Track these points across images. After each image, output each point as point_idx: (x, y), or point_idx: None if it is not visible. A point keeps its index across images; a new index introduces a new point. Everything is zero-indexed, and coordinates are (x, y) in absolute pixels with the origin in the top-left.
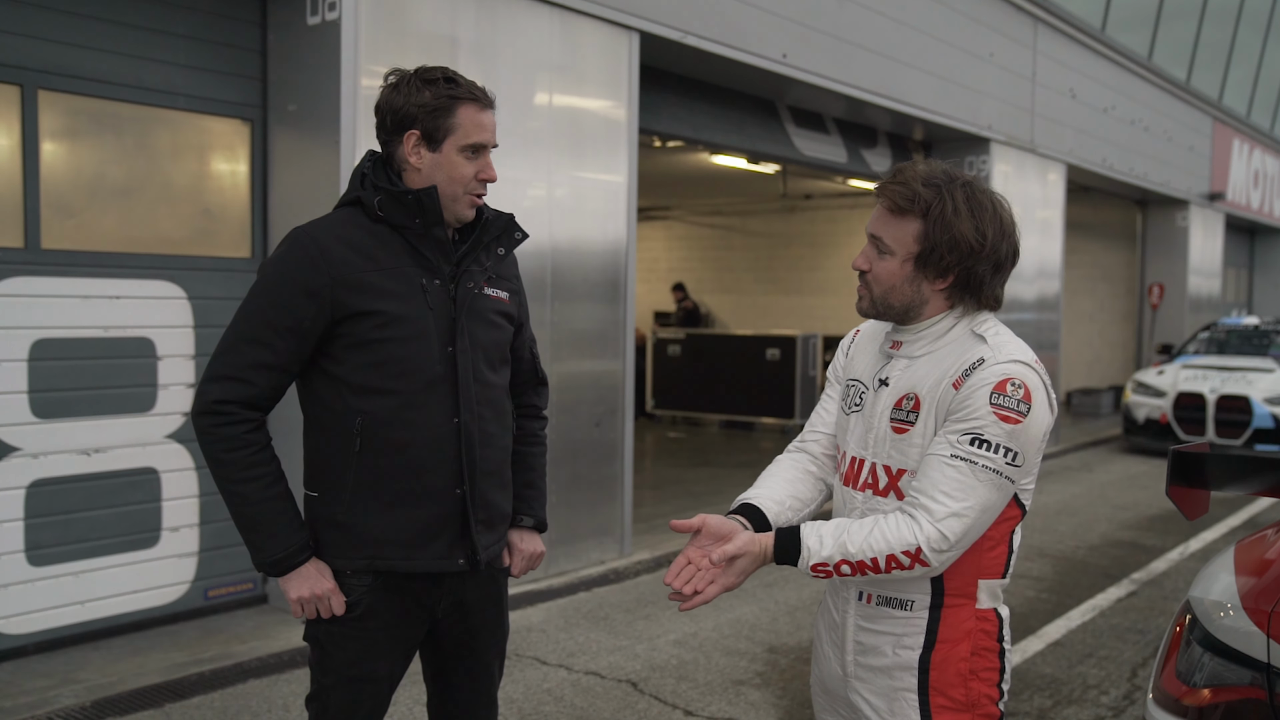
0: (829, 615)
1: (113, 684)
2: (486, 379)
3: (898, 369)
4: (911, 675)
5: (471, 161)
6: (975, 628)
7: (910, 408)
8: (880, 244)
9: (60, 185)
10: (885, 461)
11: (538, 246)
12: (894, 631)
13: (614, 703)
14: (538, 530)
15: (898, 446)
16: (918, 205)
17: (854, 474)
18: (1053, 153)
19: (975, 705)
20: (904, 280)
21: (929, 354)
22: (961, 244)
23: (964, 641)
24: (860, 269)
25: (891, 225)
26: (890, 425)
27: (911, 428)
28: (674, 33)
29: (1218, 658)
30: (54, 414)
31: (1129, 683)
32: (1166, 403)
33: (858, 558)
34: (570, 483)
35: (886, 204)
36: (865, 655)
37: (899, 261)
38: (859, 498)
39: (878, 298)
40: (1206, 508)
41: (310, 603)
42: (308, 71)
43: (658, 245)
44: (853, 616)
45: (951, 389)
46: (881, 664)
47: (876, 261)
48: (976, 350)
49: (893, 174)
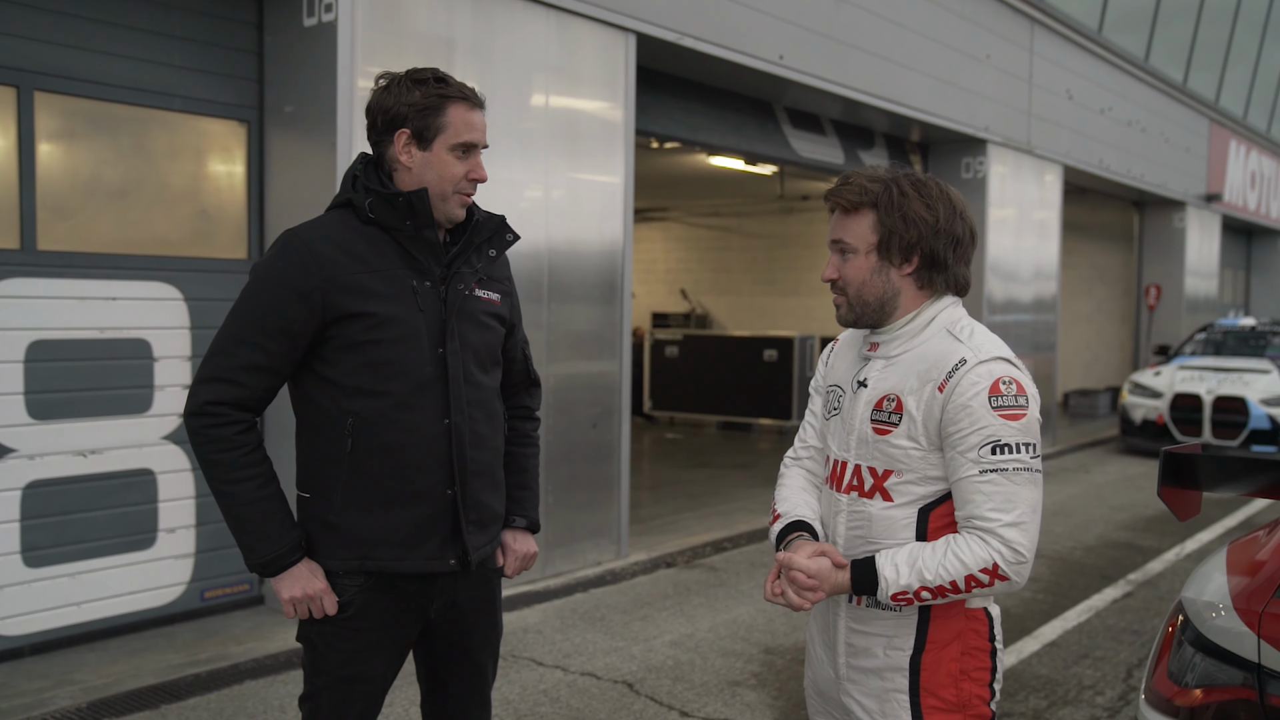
0: (821, 618)
1: (109, 685)
2: (477, 380)
3: (875, 370)
4: (903, 676)
5: (462, 161)
6: (965, 628)
7: (892, 409)
8: (843, 245)
9: (56, 186)
10: (869, 463)
11: (534, 248)
12: (884, 633)
13: (610, 704)
14: (531, 531)
15: (880, 448)
16: (867, 198)
17: (838, 476)
18: (1049, 154)
19: (966, 705)
20: (871, 272)
21: (906, 353)
22: (916, 221)
23: (954, 642)
24: (830, 279)
25: (848, 224)
26: (871, 427)
27: (895, 429)
28: (671, 34)
29: (1209, 658)
30: (50, 415)
31: (1124, 684)
32: (1163, 404)
33: (935, 583)
34: (567, 484)
35: (840, 206)
36: (857, 657)
37: (863, 256)
38: (844, 500)
39: (853, 299)
40: (1198, 509)
41: (302, 603)
42: (304, 73)
43: (655, 246)
44: (844, 618)
45: (936, 392)
46: (873, 665)
47: (843, 266)
48: (955, 351)
49: (840, 181)
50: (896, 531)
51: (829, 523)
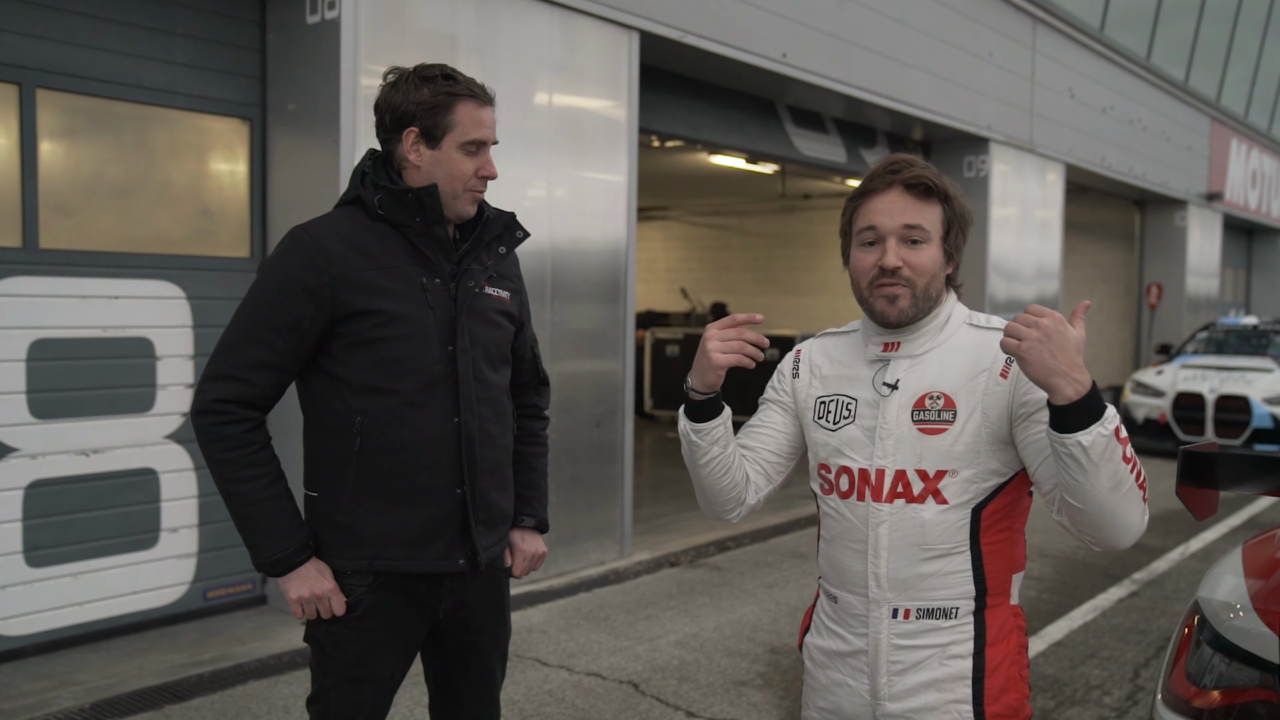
0: (833, 642)
1: (112, 685)
2: (487, 378)
3: (901, 369)
4: (965, 685)
5: (471, 158)
6: (1014, 625)
7: (940, 406)
8: (918, 231)
9: (59, 184)
10: (916, 465)
11: (538, 246)
12: (938, 643)
13: (615, 704)
14: (539, 531)
15: (931, 448)
16: (939, 186)
17: (874, 486)
18: (1052, 153)
19: (1019, 710)
20: (940, 267)
21: (932, 349)
22: (967, 219)
23: (1008, 640)
24: (893, 266)
25: (924, 210)
26: (915, 427)
27: (950, 426)
28: (674, 32)
29: (1228, 659)
30: (52, 414)
31: (1132, 683)
32: (1166, 403)
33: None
34: (570, 483)
35: (914, 189)
36: (907, 673)
37: (935, 245)
38: (885, 510)
39: (920, 292)
40: (1215, 508)
41: (310, 603)
42: (307, 70)
43: (656, 245)
44: (887, 636)
45: (999, 379)
46: (929, 678)
47: (911, 254)
48: (998, 339)
49: (900, 162)
50: (951, 535)
51: (860, 537)
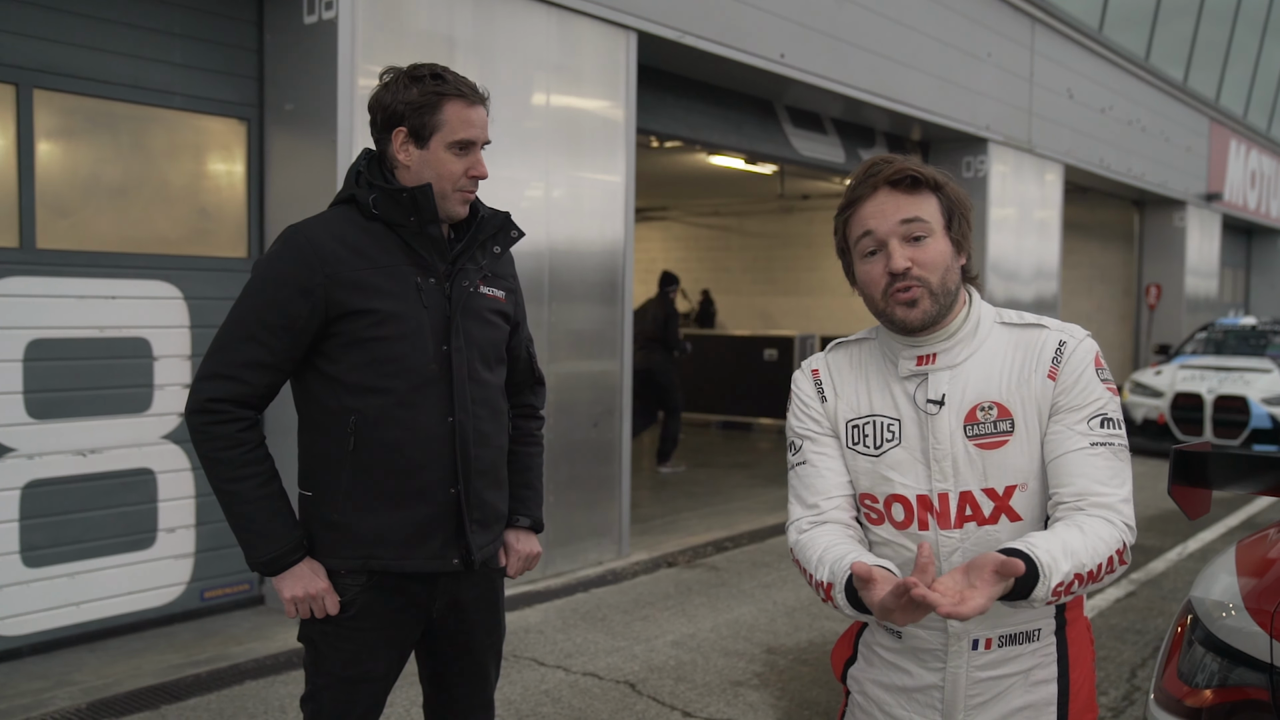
0: (895, 677)
1: (108, 686)
2: (481, 378)
3: (943, 382)
4: (1051, 709)
5: (460, 158)
6: (1088, 639)
7: (995, 418)
8: (918, 224)
9: (56, 185)
10: (984, 484)
11: (535, 246)
12: (1022, 668)
13: (612, 704)
14: (534, 531)
15: (994, 463)
16: (926, 175)
17: (939, 513)
18: (1050, 153)
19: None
20: (951, 259)
21: (971, 355)
22: (966, 204)
23: (1086, 658)
24: (901, 269)
25: (918, 203)
26: (973, 444)
27: (1010, 437)
28: (672, 32)
29: (1220, 658)
30: (49, 414)
31: (1128, 683)
32: (1164, 403)
33: (1089, 567)
34: (568, 483)
35: (901, 184)
36: (989, 705)
37: (940, 236)
38: (957, 536)
39: (937, 287)
40: (1208, 507)
41: (304, 602)
42: (304, 71)
43: (654, 246)
44: (966, 669)
45: (1047, 381)
46: (1015, 705)
47: (918, 252)
48: (1041, 337)
49: (879, 162)
50: None
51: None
